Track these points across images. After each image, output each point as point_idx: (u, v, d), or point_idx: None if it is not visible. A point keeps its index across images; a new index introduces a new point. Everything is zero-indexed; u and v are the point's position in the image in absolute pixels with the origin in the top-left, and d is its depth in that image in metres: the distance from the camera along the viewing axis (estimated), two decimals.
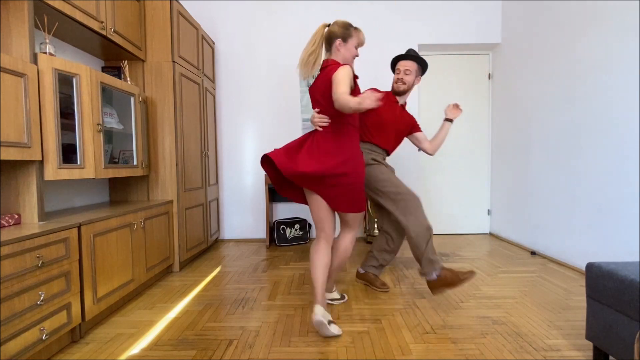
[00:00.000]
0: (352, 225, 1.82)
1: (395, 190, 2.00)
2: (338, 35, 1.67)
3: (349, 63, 1.71)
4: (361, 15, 3.60)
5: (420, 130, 2.30)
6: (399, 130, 2.21)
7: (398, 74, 2.15)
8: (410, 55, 2.17)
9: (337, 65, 1.62)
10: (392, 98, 2.19)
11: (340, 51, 1.69)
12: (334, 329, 1.62)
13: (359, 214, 1.78)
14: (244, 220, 3.72)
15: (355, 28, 1.73)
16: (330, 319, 1.65)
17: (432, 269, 1.91)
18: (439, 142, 2.26)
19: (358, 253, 3.09)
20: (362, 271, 2.30)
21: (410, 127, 2.26)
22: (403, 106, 2.24)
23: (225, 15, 3.59)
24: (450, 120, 2.22)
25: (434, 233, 3.80)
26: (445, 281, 1.88)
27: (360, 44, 1.75)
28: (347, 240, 1.83)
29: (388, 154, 2.25)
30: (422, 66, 2.18)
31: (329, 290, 1.98)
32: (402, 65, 2.14)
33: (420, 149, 2.32)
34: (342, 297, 2.05)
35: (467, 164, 3.79)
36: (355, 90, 1.67)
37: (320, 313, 1.58)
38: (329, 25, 1.71)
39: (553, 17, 2.79)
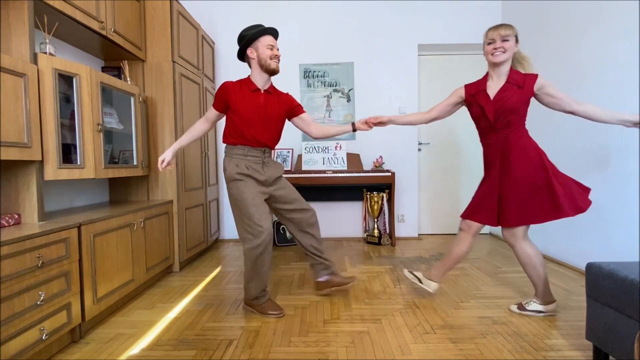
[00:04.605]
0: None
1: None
2: None
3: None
4: (361, 15, 3.60)
5: (304, 112, 2.02)
6: (269, 119, 1.87)
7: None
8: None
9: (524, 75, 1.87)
10: (251, 86, 1.84)
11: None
12: None
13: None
14: None
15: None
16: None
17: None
18: (329, 132, 2.05)
19: (358, 253, 3.09)
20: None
21: (286, 111, 1.95)
22: (269, 91, 1.88)
23: (225, 15, 3.59)
24: (354, 129, 2.04)
25: (436, 233, 3.84)
26: (332, 283, 2.06)
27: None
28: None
29: (270, 149, 1.93)
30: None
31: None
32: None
33: (304, 132, 2.06)
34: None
35: (467, 164, 3.78)
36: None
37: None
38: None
39: (553, 18, 2.79)
